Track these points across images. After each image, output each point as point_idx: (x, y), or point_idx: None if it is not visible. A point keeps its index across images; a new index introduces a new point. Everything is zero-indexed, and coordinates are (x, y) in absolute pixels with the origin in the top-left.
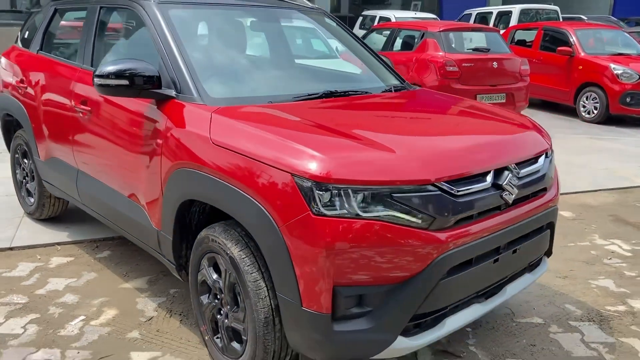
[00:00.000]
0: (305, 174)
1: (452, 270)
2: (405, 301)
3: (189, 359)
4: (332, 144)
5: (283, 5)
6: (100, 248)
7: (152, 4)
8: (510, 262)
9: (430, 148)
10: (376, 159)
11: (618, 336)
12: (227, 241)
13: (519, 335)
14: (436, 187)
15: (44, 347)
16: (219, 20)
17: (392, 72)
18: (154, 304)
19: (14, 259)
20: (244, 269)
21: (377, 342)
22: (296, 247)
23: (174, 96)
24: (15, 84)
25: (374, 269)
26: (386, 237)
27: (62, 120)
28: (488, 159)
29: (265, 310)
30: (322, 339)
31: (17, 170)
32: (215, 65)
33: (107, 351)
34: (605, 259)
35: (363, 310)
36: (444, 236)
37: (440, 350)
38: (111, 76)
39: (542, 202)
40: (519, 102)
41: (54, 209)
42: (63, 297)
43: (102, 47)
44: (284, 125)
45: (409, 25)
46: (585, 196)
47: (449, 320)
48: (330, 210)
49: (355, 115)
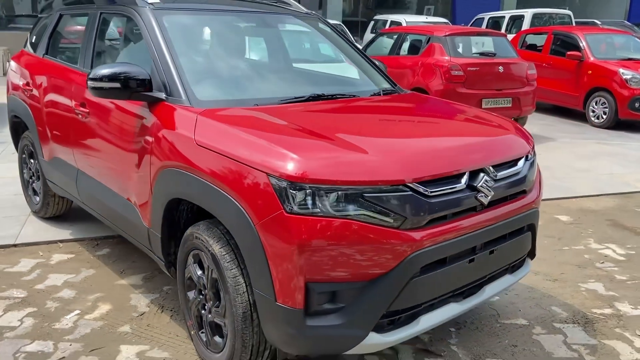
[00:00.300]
0: (280, 173)
1: (425, 269)
2: (377, 298)
3: (176, 352)
4: (306, 145)
5: (277, 10)
6: (100, 246)
7: (147, 10)
8: (487, 263)
9: (404, 150)
10: (349, 160)
11: (601, 338)
12: (209, 238)
13: (502, 336)
14: (408, 188)
15: (38, 339)
16: (213, 26)
17: (384, 76)
18: (147, 300)
19: (17, 256)
20: (224, 266)
21: (349, 338)
22: (271, 244)
23: (164, 99)
24: (22, 86)
25: (346, 267)
26: (358, 236)
27: (63, 122)
28: (463, 161)
29: (244, 305)
30: (296, 334)
31: (24, 169)
32: (206, 69)
33: (98, 344)
34: (597, 262)
35: (336, 306)
36: (415, 235)
37: (422, 349)
38: (104, 79)
39: (521, 204)
40: (526, 106)
41: (58, 208)
42: (60, 292)
43: (102, 51)
44: (263, 127)
45: (416, 30)
46: (586, 201)
47: (423, 318)
48: (303, 209)
49: (337, 117)
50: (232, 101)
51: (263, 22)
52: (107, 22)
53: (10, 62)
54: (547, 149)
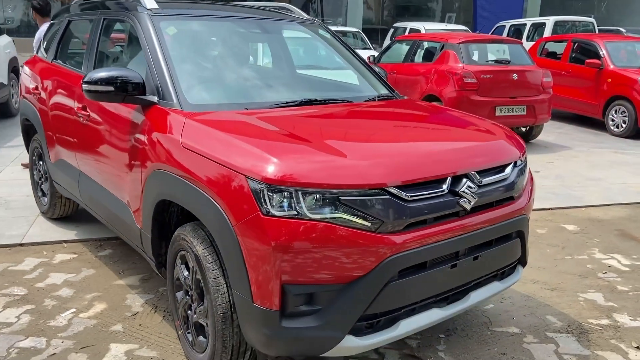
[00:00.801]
0: (257, 175)
1: (404, 273)
2: (354, 301)
3: (164, 352)
4: (285, 148)
5: (278, 17)
6: (103, 247)
7: (145, 16)
8: (471, 269)
9: (384, 154)
10: (326, 163)
11: (594, 349)
12: (194, 240)
13: (492, 344)
14: (385, 192)
15: (32, 335)
16: (210, 32)
17: (383, 82)
18: (141, 300)
19: (22, 255)
20: (207, 266)
21: (326, 340)
22: (248, 245)
23: (156, 102)
24: (32, 90)
25: (322, 269)
26: (334, 239)
27: (67, 125)
28: (444, 167)
29: (224, 306)
30: (272, 335)
31: (34, 171)
32: (199, 74)
33: (90, 342)
34: (600, 272)
35: (312, 308)
36: (393, 239)
37: (409, 355)
38: (98, 82)
39: (508, 210)
40: (541, 114)
41: (65, 209)
42: (59, 291)
43: (104, 56)
44: (245, 130)
45: (430, 37)
46: (595, 210)
47: (403, 323)
48: (279, 211)
49: (324, 122)
50: (223, 105)
51: (262, 29)
52: (110, 27)
53: (24, 67)
54: (561, 158)
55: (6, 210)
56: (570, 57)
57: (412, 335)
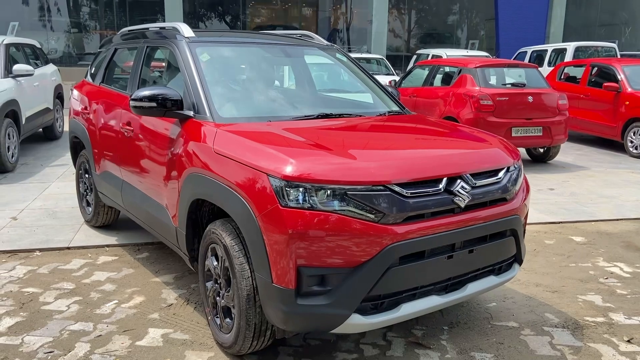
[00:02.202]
0: (277, 174)
1: (404, 260)
2: (359, 282)
3: (195, 335)
4: (301, 151)
5: (300, 43)
6: (141, 250)
7: (183, 43)
8: (466, 261)
9: (388, 157)
10: (336, 163)
11: (587, 342)
12: (223, 232)
13: (491, 335)
14: (387, 189)
15: (81, 320)
16: (239, 56)
17: (395, 100)
18: (175, 294)
19: (69, 256)
20: (233, 254)
21: (335, 317)
22: (268, 233)
23: (192, 116)
24: (81, 110)
25: (332, 254)
26: (342, 228)
27: (112, 139)
28: (441, 169)
29: (248, 288)
30: (288, 311)
31: (80, 184)
32: (230, 92)
33: (131, 326)
34: (601, 278)
35: (323, 288)
36: (394, 229)
37: (413, 342)
38: (143, 99)
39: (500, 210)
40: (557, 135)
41: (107, 218)
42: (103, 286)
43: (146, 78)
44: (268, 137)
45: (449, 62)
46: (604, 224)
47: (405, 306)
48: (295, 203)
49: (337, 132)
50: (249, 118)
51: (285, 53)
52: (152, 53)
53: (73, 90)
54: (577, 177)
55: (54, 220)
56: (589, 81)
57: (418, 326)
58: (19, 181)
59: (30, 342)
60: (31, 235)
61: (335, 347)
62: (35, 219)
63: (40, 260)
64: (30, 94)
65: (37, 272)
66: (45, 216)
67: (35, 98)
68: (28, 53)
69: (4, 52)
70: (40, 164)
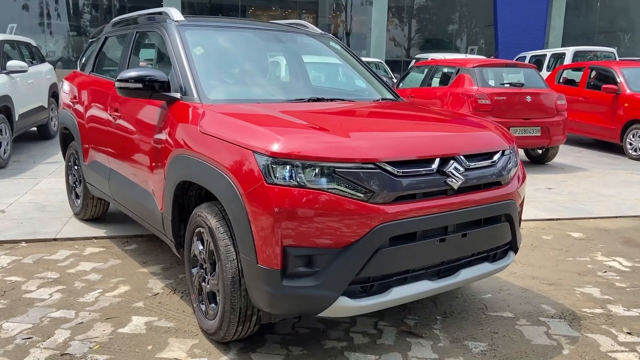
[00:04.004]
0: (262, 150)
1: (394, 242)
2: (347, 264)
3: (180, 323)
4: (289, 128)
5: (292, 30)
6: (129, 242)
7: (172, 26)
8: (460, 245)
9: (379, 137)
10: (325, 141)
11: (584, 332)
12: (208, 215)
13: (485, 325)
14: (377, 167)
15: (63, 308)
16: (228, 40)
17: (389, 89)
18: (162, 284)
19: (55, 247)
20: (218, 236)
21: (322, 299)
22: (253, 211)
23: (180, 98)
24: (70, 101)
25: (320, 234)
26: (330, 206)
27: (100, 127)
28: (433, 148)
29: (233, 270)
30: (274, 292)
31: (69, 176)
32: (217, 75)
33: (114, 314)
34: (600, 272)
35: (311, 269)
36: (383, 209)
37: (405, 331)
38: (130, 81)
39: (495, 194)
40: (555, 135)
41: (95, 210)
42: (88, 276)
43: (135, 63)
44: (254, 116)
45: (446, 63)
46: (603, 221)
47: (395, 290)
48: (281, 181)
49: (328, 114)
50: (238, 100)
51: (276, 39)
52: (141, 38)
53: (63, 82)
54: (575, 177)
55: (42, 213)
56: (588, 84)
57: (410, 315)
58: (10, 177)
59: (8, 328)
60: (18, 227)
61: (324, 335)
62: (24, 212)
63: (25, 250)
64: (24, 91)
65: (22, 262)
66: (34, 209)
67: (29, 95)
68: (23, 51)
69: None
70: (33, 161)
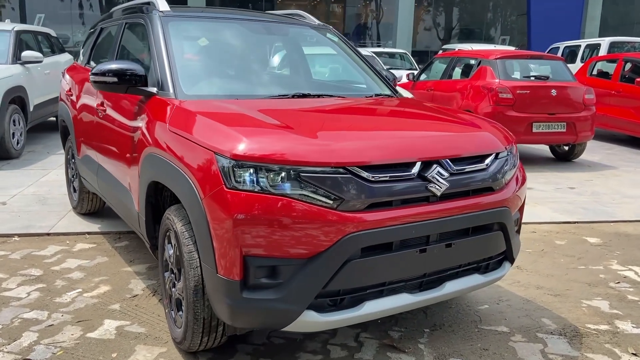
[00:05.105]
0: (223, 151)
1: (367, 252)
2: (312, 276)
3: (152, 329)
4: (254, 128)
5: (285, 21)
6: (121, 239)
7: (155, 17)
8: (444, 256)
9: (352, 138)
10: (291, 142)
11: (585, 351)
12: (175, 218)
13: (476, 340)
14: (347, 171)
15: (37, 308)
16: (214, 32)
17: (388, 85)
18: (143, 285)
19: (47, 242)
20: (183, 242)
21: (285, 313)
22: (213, 218)
23: (156, 93)
24: (65, 94)
25: (283, 243)
26: (295, 214)
27: (89, 121)
28: (413, 152)
29: (196, 279)
30: (233, 305)
31: (68, 170)
32: (198, 69)
33: (87, 317)
34: (612, 282)
35: (274, 281)
36: (354, 217)
37: (388, 345)
38: (106, 74)
39: (485, 200)
40: (582, 131)
41: (91, 204)
42: (71, 274)
43: (125, 55)
44: (225, 114)
45: (468, 54)
46: (624, 225)
47: (369, 304)
48: (242, 185)
49: (307, 112)
50: (215, 96)
51: (267, 31)
52: (130, 29)
53: (64, 73)
54: (602, 176)
55: (42, 206)
56: (621, 77)
57: (396, 327)
58: (21, 167)
59: None
60: (14, 220)
61: (300, 347)
62: (25, 204)
63: (16, 245)
64: (40, 82)
65: (9, 258)
66: (34, 202)
67: (45, 86)
68: (42, 42)
69: (13, 38)
70: (47, 152)
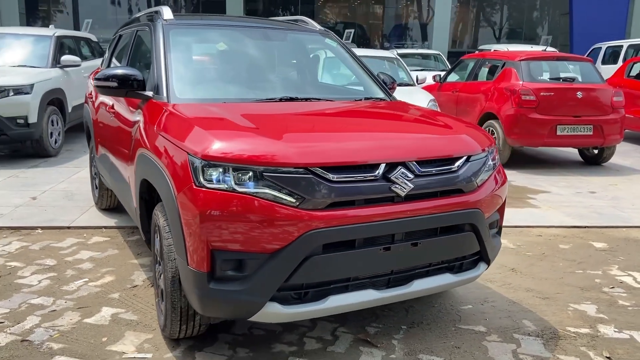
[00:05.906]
0: (194, 152)
1: (329, 249)
2: (274, 270)
3: (144, 317)
4: (225, 131)
5: (285, 27)
6: (134, 233)
7: (159, 25)
8: (410, 255)
9: (317, 140)
10: (256, 143)
11: (557, 353)
12: (160, 213)
13: (450, 338)
14: (309, 171)
15: (44, 295)
16: (216, 39)
17: (383, 88)
18: (145, 276)
19: (66, 235)
20: (163, 235)
21: (250, 304)
22: (184, 213)
23: (151, 96)
24: (88, 96)
25: (248, 238)
26: (258, 211)
27: (104, 122)
28: (378, 154)
29: (173, 270)
30: (201, 295)
31: (92, 167)
32: (195, 75)
33: (88, 304)
34: (607, 287)
35: (240, 274)
36: (314, 215)
37: (362, 339)
38: (107, 79)
39: (453, 201)
40: (610, 135)
41: (110, 200)
42: (82, 264)
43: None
44: (205, 118)
45: (493, 56)
46: (636, 231)
47: (333, 298)
48: (209, 183)
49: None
50: (205, 100)
51: (265, 37)
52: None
53: (89, 78)
54: (628, 181)
55: (68, 201)
56: None
57: (374, 323)
58: (57, 165)
59: None
60: (40, 214)
61: (277, 338)
62: (53, 199)
63: (38, 237)
64: (79, 84)
65: (29, 248)
66: (62, 197)
67: (83, 88)
68: (83, 46)
69: (54, 43)
70: (84, 151)
